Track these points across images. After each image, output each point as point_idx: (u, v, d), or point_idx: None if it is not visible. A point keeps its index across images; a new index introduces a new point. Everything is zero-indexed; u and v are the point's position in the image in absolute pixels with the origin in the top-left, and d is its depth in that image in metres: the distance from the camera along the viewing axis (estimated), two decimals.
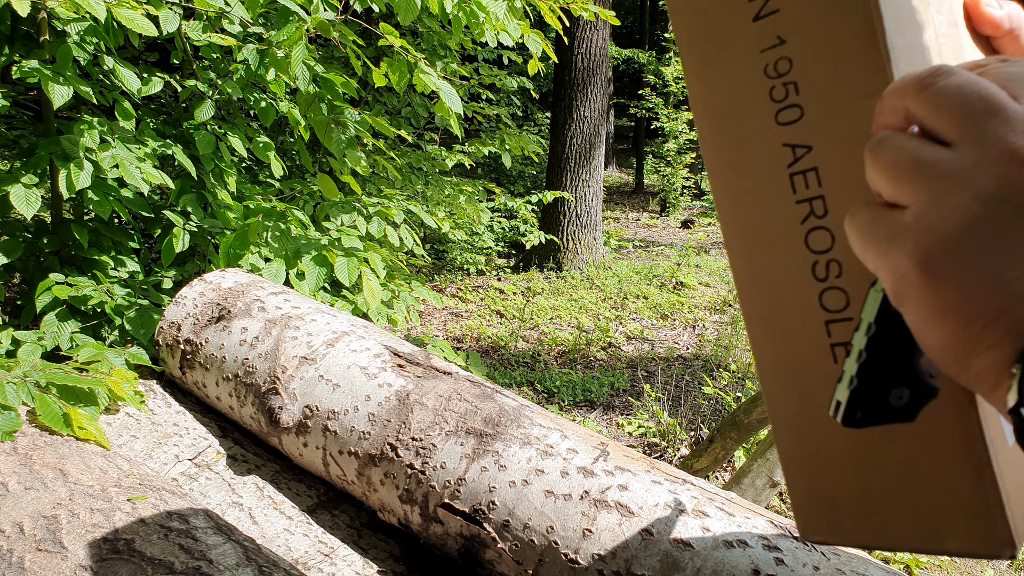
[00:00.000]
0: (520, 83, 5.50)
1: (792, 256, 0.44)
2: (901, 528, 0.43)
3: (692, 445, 3.35)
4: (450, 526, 1.07)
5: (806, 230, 0.43)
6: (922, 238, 0.30)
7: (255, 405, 1.35)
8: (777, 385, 0.47)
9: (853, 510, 0.45)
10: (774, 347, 0.47)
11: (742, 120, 0.45)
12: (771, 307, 0.46)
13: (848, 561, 0.84)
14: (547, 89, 11.63)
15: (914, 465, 0.41)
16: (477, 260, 6.76)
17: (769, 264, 0.46)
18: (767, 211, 0.45)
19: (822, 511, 0.47)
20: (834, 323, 0.43)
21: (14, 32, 1.92)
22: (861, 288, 0.42)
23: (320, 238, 2.09)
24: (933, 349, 0.31)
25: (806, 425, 0.46)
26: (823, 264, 0.43)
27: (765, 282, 0.46)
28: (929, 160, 0.31)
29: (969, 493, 0.39)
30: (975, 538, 0.39)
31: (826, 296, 0.43)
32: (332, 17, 1.85)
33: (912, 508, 0.42)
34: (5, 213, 1.92)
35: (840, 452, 0.45)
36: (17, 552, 0.88)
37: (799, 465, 0.47)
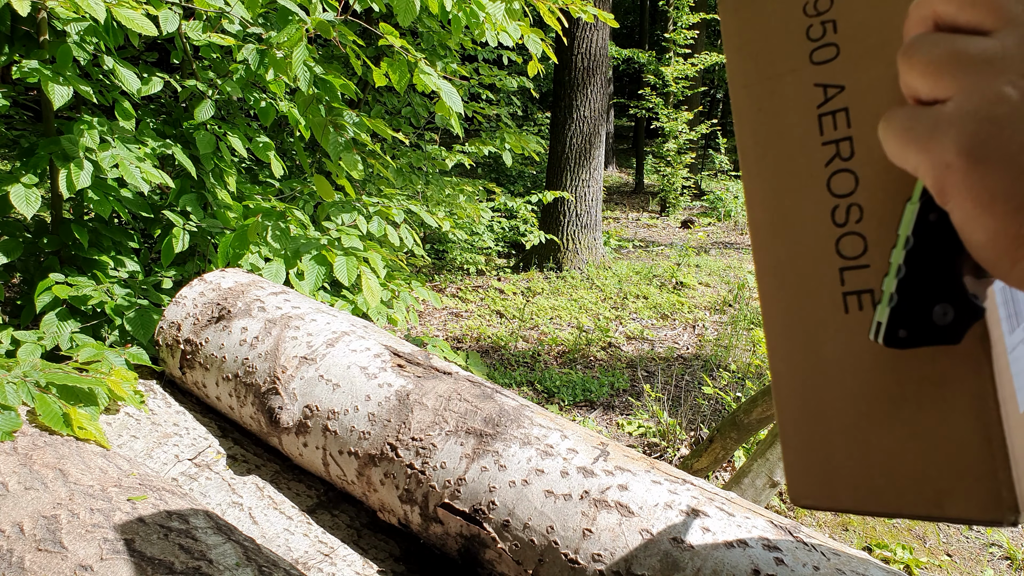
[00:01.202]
0: (520, 83, 5.50)
1: (813, 200, 0.44)
2: (901, 493, 0.42)
3: (692, 445, 3.35)
4: (450, 526, 1.07)
5: (830, 172, 0.43)
6: (967, 124, 0.29)
7: (255, 405, 1.35)
8: (783, 338, 0.46)
9: (851, 473, 0.44)
10: (784, 297, 0.46)
11: (777, 58, 0.45)
12: (786, 254, 0.45)
13: (848, 561, 0.84)
14: (547, 89, 11.63)
15: (922, 424, 0.40)
16: (477, 260, 6.76)
17: (788, 209, 0.45)
18: (792, 153, 0.44)
19: (817, 473, 0.46)
20: (849, 271, 0.42)
21: (14, 32, 1.92)
22: (881, 232, 0.41)
23: (320, 238, 2.09)
24: (981, 246, 0.30)
25: (810, 380, 0.45)
26: (843, 208, 0.42)
27: (782, 228, 0.45)
28: (969, 49, 0.30)
29: (976, 454, 0.38)
30: (978, 503, 0.38)
31: (843, 242, 0.42)
32: (332, 17, 1.85)
33: (915, 471, 0.41)
34: (5, 213, 1.92)
35: (845, 410, 0.44)
36: (17, 552, 0.88)
37: (798, 423, 0.46)
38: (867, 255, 0.42)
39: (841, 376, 0.44)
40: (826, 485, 0.45)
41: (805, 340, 0.45)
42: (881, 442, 0.42)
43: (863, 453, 0.43)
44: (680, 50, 10.18)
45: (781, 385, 0.47)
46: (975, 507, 0.38)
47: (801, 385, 0.46)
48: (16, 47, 1.86)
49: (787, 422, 0.47)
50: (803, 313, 0.45)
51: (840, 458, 0.44)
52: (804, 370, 0.45)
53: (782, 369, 0.47)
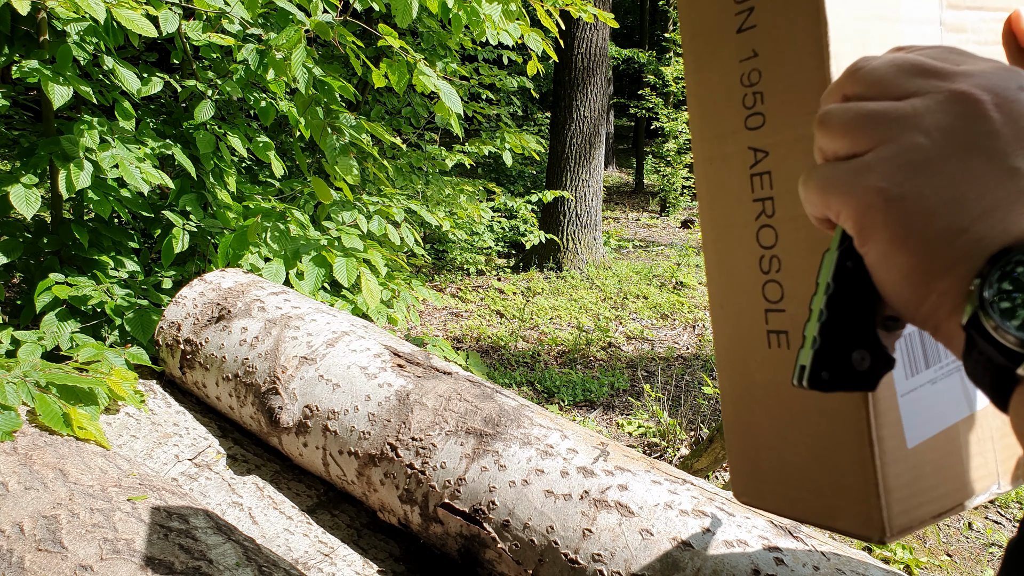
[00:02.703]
0: (520, 83, 5.50)
1: (746, 249, 0.49)
2: (807, 503, 0.48)
3: (692, 445, 3.35)
4: (450, 526, 1.07)
5: (758, 226, 0.48)
6: (886, 168, 0.32)
7: (255, 405, 1.35)
8: (726, 362, 0.53)
9: (773, 481, 0.50)
10: (727, 327, 0.53)
11: (721, 120, 0.50)
12: (728, 292, 0.52)
13: (848, 561, 0.84)
14: (547, 89, 11.62)
15: (819, 450, 0.46)
16: (477, 260, 6.76)
17: (729, 254, 0.51)
18: (731, 205, 0.50)
19: (750, 478, 0.52)
20: (771, 312, 0.48)
21: (14, 32, 1.92)
22: (794, 282, 0.47)
23: (319, 238, 2.09)
24: (894, 283, 0.33)
25: (744, 400, 0.52)
26: (768, 258, 0.48)
27: (725, 268, 0.52)
28: (881, 108, 0.33)
29: (855, 481, 0.44)
30: (857, 521, 0.45)
31: (767, 287, 0.48)
32: (331, 18, 1.85)
33: (816, 487, 0.47)
34: (5, 213, 1.92)
35: (768, 429, 0.50)
36: (17, 552, 0.88)
37: (736, 434, 0.53)
38: (784, 301, 0.48)
39: (766, 400, 0.50)
40: (757, 488, 0.52)
41: (741, 366, 0.52)
42: (792, 459, 0.49)
43: (780, 467, 0.49)
44: (680, 50, 10.18)
45: (725, 401, 0.54)
46: (855, 524, 0.45)
47: (739, 403, 0.52)
48: (16, 47, 1.86)
49: (729, 432, 0.54)
50: (740, 343, 0.51)
51: (765, 468, 0.51)
52: (740, 391, 0.52)
53: (726, 387, 0.54)
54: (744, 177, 0.49)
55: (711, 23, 0.50)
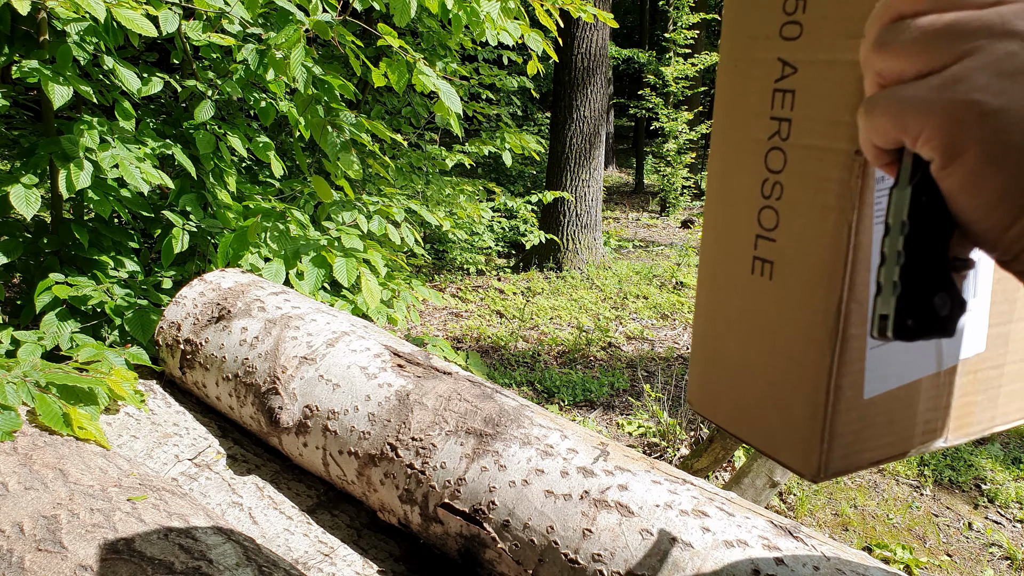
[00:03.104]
0: (520, 83, 5.50)
1: (752, 167, 0.47)
2: (756, 428, 0.50)
3: (692, 445, 3.35)
4: (450, 526, 1.07)
5: (769, 147, 0.46)
6: (979, 78, 0.29)
7: (255, 405, 1.35)
8: (707, 277, 0.53)
9: (727, 399, 0.52)
10: (715, 244, 0.52)
11: (757, 20, 0.47)
12: (724, 208, 0.51)
13: (848, 561, 0.84)
14: (547, 89, 11.62)
15: (775, 387, 0.47)
16: (477, 260, 6.76)
17: (734, 169, 0.49)
18: (747, 117, 0.48)
19: (706, 390, 0.54)
20: (762, 239, 0.47)
21: (14, 32, 1.92)
22: (792, 214, 0.45)
23: (319, 238, 2.09)
24: (982, 207, 0.30)
25: (715, 318, 0.53)
26: (771, 182, 0.46)
27: (727, 184, 0.50)
28: (962, 18, 0.30)
29: (804, 423, 0.45)
30: (796, 457, 0.46)
31: (764, 213, 0.47)
32: (331, 18, 1.85)
33: (766, 417, 0.48)
34: (5, 213, 1.92)
35: (731, 351, 0.51)
36: (17, 552, 0.88)
37: (702, 346, 0.55)
38: (777, 230, 0.46)
39: (736, 325, 0.50)
40: (710, 401, 0.54)
41: (720, 285, 0.52)
42: (749, 387, 0.50)
43: (737, 389, 0.51)
44: (680, 50, 10.18)
45: (698, 312, 0.55)
46: (794, 460, 0.46)
47: (710, 320, 0.53)
48: (16, 47, 1.86)
49: (696, 340, 0.56)
50: (724, 262, 0.51)
51: (722, 384, 0.52)
52: (713, 309, 0.53)
53: (701, 301, 0.55)
54: (767, 90, 0.46)
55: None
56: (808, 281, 0.44)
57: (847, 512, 2.90)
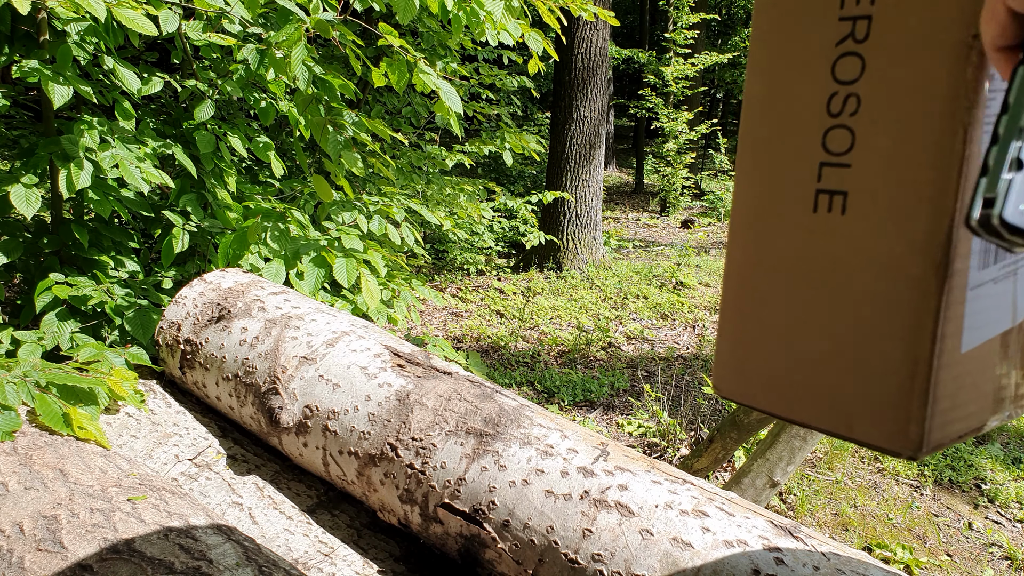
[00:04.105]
0: (520, 83, 5.50)
1: (814, 80, 0.40)
2: (814, 404, 0.41)
3: (692, 445, 3.35)
4: (450, 526, 1.07)
5: (839, 53, 0.39)
6: None
7: (255, 405, 1.35)
8: (745, 227, 0.44)
9: (771, 373, 0.43)
10: (757, 180, 0.44)
11: None
12: (771, 133, 0.42)
13: (848, 561, 0.84)
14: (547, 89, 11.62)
15: (853, 342, 0.39)
16: (477, 260, 6.76)
17: (786, 84, 0.41)
18: (808, 22, 0.40)
19: (741, 367, 0.45)
20: (829, 167, 0.40)
21: (14, 32, 1.92)
22: (873, 131, 0.38)
23: (319, 238, 2.09)
24: None
25: (759, 273, 0.44)
26: (842, 97, 0.39)
27: (775, 104, 0.42)
28: None
29: (898, 384, 0.37)
30: (887, 431, 0.38)
31: (832, 135, 0.39)
32: (331, 17, 1.85)
33: (833, 386, 0.40)
34: (5, 213, 1.92)
35: (782, 310, 0.42)
36: (17, 552, 0.88)
37: (735, 315, 0.46)
38: (852, 153, 0.39)
39: (790, 277, 0.42)
40: (746, 381, 0.45)
41: (766, 232, 0.43)
42: (808, 351, 0.41)
43: (788, 357, 0.42)
44: (680, 50, 10.18)
45: (731, 272, 0.46)
46: (880, 435, 0.38)
47: (749, 276, 0.44)
48: (16, 47, 1.86)
49: (726, 310, 0.46)
50: (771, 201, 0.43)
51: (765, 356, 0.43)
52: (755, 262, 0.44)
53: (736, 256, 0.45)
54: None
55: None
56: (903, 207, 0.37)
57: (847, 512, 2.90)
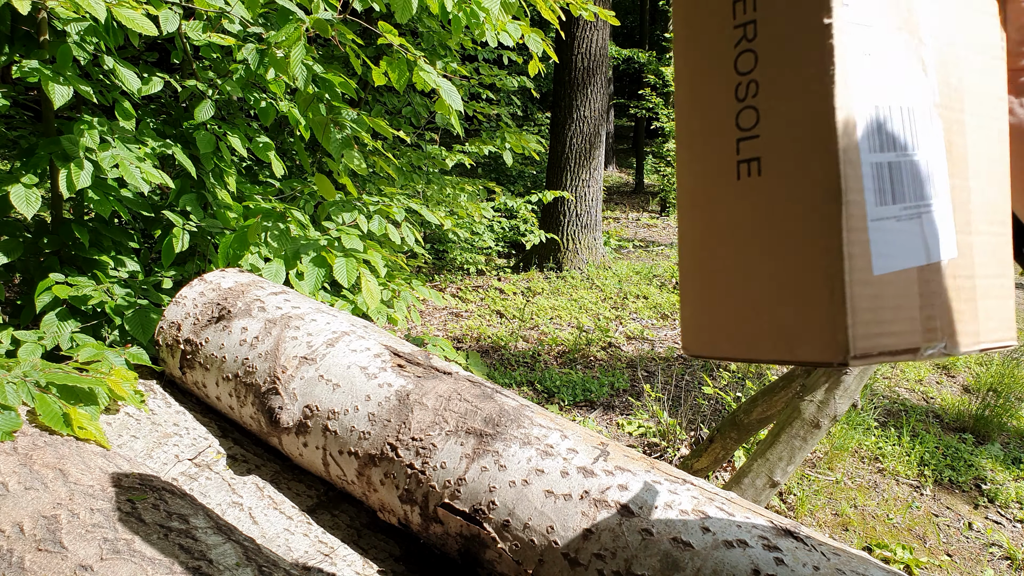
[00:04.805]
0: (520, 83, 5.50)
1: (721, 78, 0.50)
2: (764, 339, 0.48)
3: (692, 445, 3.35)
4: (450, 526, 1.07)
5: (737, 53, 0.49)
6: None
7: (255, 405, 1.35)
8: (689, 205, 0.53)
9: (728, 324, 0.51)
10: (693, 165, 0.53)
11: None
12: (697, 126, 0.52)
13: (848, 561, 0.84)
14: (547, 89, 11.62)
15: (786, 276, 0.47)
16: (477, 260, 6.76)
17: (703, 84, 0.51)
18: (711, 33, 0.51)
19: (704, 326, 0.53)
20: (744, 140, 0.49)
21: (14, 32, 1.92)
22: (771, 104, 0.47)
23: (319, 238, 2.09)
24: None
25: (706, 241, 0.52)
26: (744, 84, 0.48)
27: (697, 102, 0.52)
28: None
29: (822, 301, 0.45)
30: (819, 345, 0.45)
31: (742, 115, 0.49)
32: (331, 16, 1.85)
33: (778, 320, 0.47)
34: (5, 213, 1.92)
35: (729, 267, 0.50)
36: (17, 552, 0.88)
37: (693, 280, 0.54)
38: (759, 126, 0.48)
39: (732, 236, 0.50)
40: (710, 336, 0.52)
41: (705, 204, 0.52)
42: (754, 297, 0.49)
43: (738, 306, 0.50)
44: None
45: (683, 246, 0.54)
46: (817, 349, 0.45)
47: (699, 246, 0.53)
48: (16, 47, 1.86)
49: (685, 280, 0.55)
50: (707, 180, 0.51)
51: (721, 311, 0.51)
52: (702, 232, 0.52)
53: (686, 231, 0.54)
54: (726, 5, 0.49)
55: None
56: (801, 157, 0.45)
57: (847, 512, 2.90)
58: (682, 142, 0.54)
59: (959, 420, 3.77)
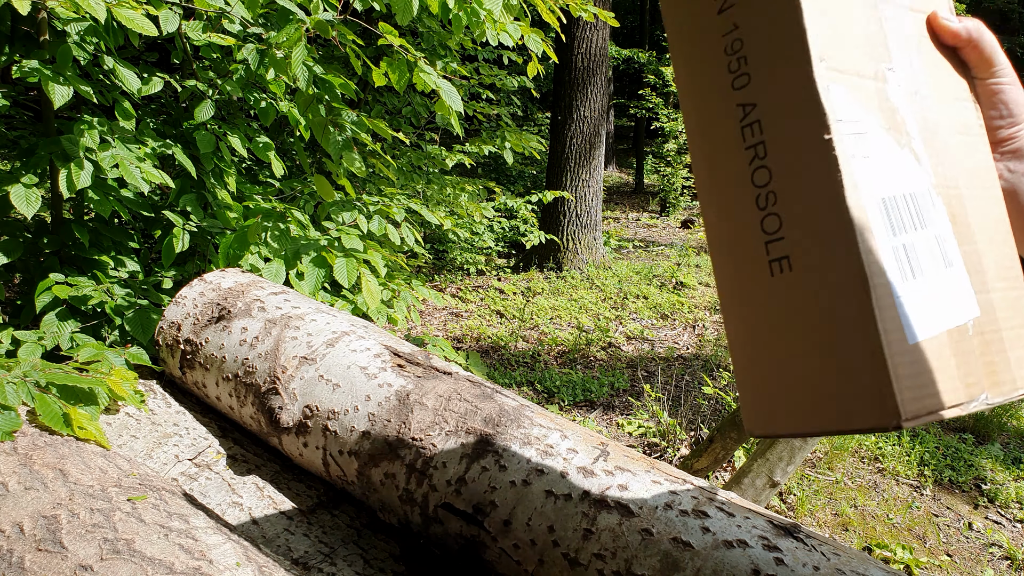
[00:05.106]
0: (520, 83, 5.50)
1: (743, 192, 0.56)
2: (823, 413, 0.52)
3: (692, 445, 3.35)
4: (450, 526, 1.07)
5: (752, 170, 0.55)
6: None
7: (255, 405, 1.35)
8: (734, 303, 0.59)
9: (784, 403, 0.55)
10: (730, 267, 0.59)
11: (710, 87, 0.58)
12: (727, 235, 0.58)
13: (848, 561, 0.84)
14: (547, 89, 11.61)
15: (831, 354, 0.51)
16: (477, 260, 6.76)
17: (728, 203, 0.58)
18: (727, 157, 0.57)
19: (762, 408, 0.57)
20: (771, 243, 0.54)
21: (14, 32, 1.92)
22: (791, 210, 0.53)
23: (320, 238, 2.09)
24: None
25: (755, 332, 0.57)
26: (764, 195, 0.54)
27: (724, 215, 0.58)
28: None
29: (868, 373, 0.49)
30: (872, 413, 0.49)
31: (766, 221, 0.55)
32: (332, 17, 1.85)
33: (830, 393, 0.51)
34: (5, 213, 1.92)
35: (779, 351, 0.55)
36: (17, 552, 0.88)
37: (746, 368, 0.58)
38: (782, 229, 0.53)
39: (776, 325, 0.55)
40: (769, 416, 0.57)
41: (747, 300, 0.57)
42: (803, 376, 0.53)
43: (791, 386, 0.54)
44: None
45: (732, 339, 0.60)
46: (871, 417, 0.49)
47: (748, 338, 0.58)
48: (16, 47, 1.86)
49: (738, 368, 0.59)
50: (743, 279, 0.57)
51: (776, 392, 0.56)
52: (750, 325, 0.57)
53: (735, 327, 0.59)
54: (735, 131, 0.56)
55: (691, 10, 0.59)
56: (825, 251, 0.51)
57: (847, 512, 2.90)
58: (715, 247, 0.60)
59: (959, 420, 3.77)
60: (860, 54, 0.55)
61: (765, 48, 0.54)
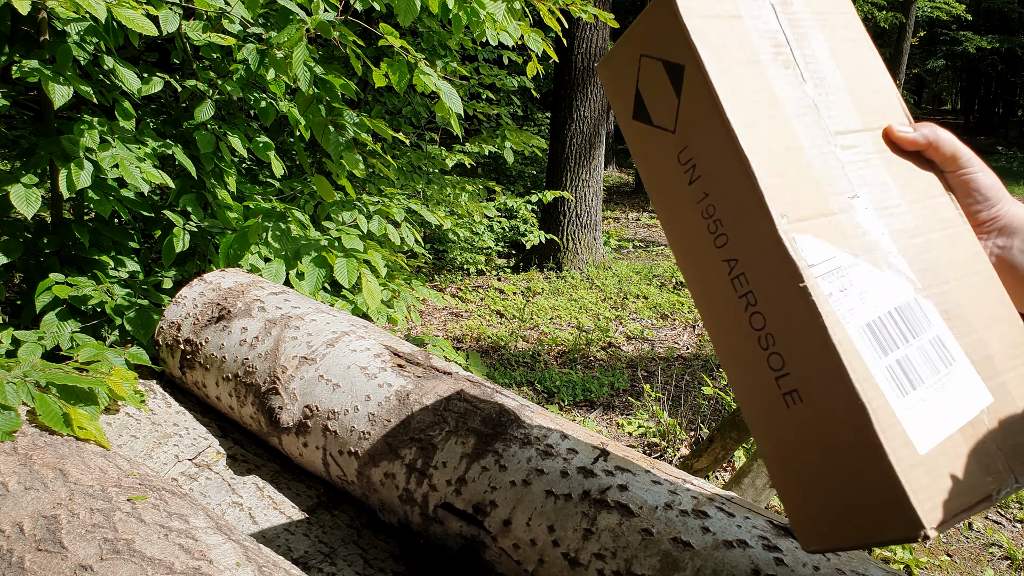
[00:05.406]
0: (520, 83, 5.50)
1: (745, 336, 0.61)
2: (860, 528, 0.55)
3: (692, 445, 3.35)
4: (450, 526, 1.07)
5: (749, 315, 0.60)
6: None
7: (255, 405, 1.35)
8: (761, 430, 0.63)
9: (829, 520, 0.58)
10: (753, 404, 0.63)
11: (697, 248, 0.64)
12: (743, 376, 0.63)
13: (848, 561, 0.84)
14: (547, 89, 11.60)
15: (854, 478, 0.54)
16: (477, 260, 6.76)
17: (733, 345, 0.64)
18: (725, 305, 0.63)
19: (812, 525, 0.60)
20: (780, 378, 0.59)
21: (14, 32, 1.92)
22: (790, 349, 0.57)
23: (320, 238, 2.09)
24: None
25: (786, 459, 0.61)
26: (763, 337, 0.59)
27: (735, 359, 0.64)
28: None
29: (888, 492, 0.52)
30: (900, 527, 0.51)
31: (771, 359, 0.59)
32: (332, 17, 1.85)
33: (862, 510, 0.54)
34: (5, 213, 1.92)
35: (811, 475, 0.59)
36: (17, 552, 0.88)
37: (789, 491, 0.61)
38: (786, 366, 0.58)
39: (801, 452, 0.59)
40: (820, 532, 0.60)
41: (774, 430, 0.62)
42: (838, 494, 0.56)
43: (831, 504, 0.58)
44: None
45: (771, 467, 0.63)
46: (900, 531, 0.52)
47: (781, 462, 0.62)
48: (16, 47, 1.86)
49: (782, 492, 0.63)
50: (766, 412, 0.62)
51: (819, 510, 0.59)
52: (779, 450, 0.62)
53: (767, 451, 0.63)
54: (727, 282, 0.61)
55: (666, 182, 0.66)
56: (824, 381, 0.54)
57: None
58: (735, 385, 0.65)
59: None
60: (821, 196, 0.58)
61: (733, 213, 0.59)
